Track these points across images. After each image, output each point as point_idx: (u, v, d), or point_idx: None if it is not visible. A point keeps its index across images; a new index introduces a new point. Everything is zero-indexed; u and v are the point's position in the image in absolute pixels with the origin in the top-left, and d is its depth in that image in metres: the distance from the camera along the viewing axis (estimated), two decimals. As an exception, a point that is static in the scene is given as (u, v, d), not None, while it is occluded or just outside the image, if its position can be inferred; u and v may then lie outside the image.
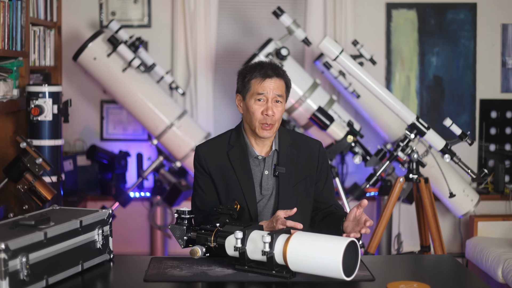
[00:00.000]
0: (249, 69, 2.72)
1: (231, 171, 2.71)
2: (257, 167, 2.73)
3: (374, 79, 3.79)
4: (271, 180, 2.73)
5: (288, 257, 2.24)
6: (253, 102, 2.68)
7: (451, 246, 5.15)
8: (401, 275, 2.53)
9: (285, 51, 4.35)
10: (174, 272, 2.38)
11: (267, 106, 2.66)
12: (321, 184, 2.80)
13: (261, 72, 2.68)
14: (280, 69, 2.72)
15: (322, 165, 2.80)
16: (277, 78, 2.68)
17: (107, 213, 2.50)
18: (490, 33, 5.17)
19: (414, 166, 3.91)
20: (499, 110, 5.20)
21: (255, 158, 2.73)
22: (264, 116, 2.66)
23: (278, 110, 2.68)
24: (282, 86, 2.70)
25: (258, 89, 2.67)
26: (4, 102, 3.63)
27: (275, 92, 2.67)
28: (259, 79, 2.67)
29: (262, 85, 2.66)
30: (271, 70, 2.68)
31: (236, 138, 2.76)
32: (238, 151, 2.73)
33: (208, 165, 2.74)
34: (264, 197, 2.73)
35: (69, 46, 5.00)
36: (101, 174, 5.04)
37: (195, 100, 5.01)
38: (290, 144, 2.77)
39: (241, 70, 2.76)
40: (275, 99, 2.67)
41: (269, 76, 2.67)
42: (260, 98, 2.67)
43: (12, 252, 2.04)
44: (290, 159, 2.74)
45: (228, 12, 5.14)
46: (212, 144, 2.79)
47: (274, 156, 2.74)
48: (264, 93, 2.66)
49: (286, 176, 2.72)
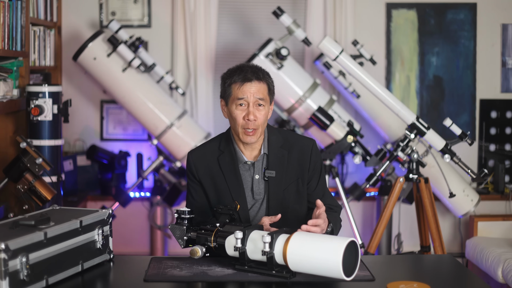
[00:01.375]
0: (229, 73, 2.67)
1: (221, 177, 2.69)
2: (247, 172, 2.70)
3: (374, 79, 3.79)
4: (262, 184, 2.69)
5: (288, 257, 2.24)
6: (234, 107, 2.62)
7: (451, 246, 5.15)
8: (401, 275, 2.53)
9: (285, 51, 4.35)
10: (174, 272, 2.38)
11: (248, 111, 2.59)
12: (313, 183, 2.76)
13: (240, 76, 2.61)
14: (260, 72, 2.65)
15: (314, 164, 2.74)
16: (258, 81, 2.61)
17: (107, 213, 2.50)
18: (490, 33, 5.17)
19: (414, 166, 3.91)
20: (499, 110, 5.20)
21: (244, 163, 2.69)
22: (246, 121, 2.60)
23: (261, 114, 2.61)
24: (264, 89, 2.63)
25: (238, 93, 2.60)
26: (4, 102, 3.63)
27: (256, 96, 2.60)
28: (238, 83, 2.61)
29: (241, 89, 2.60)
30: (251, 73, 2.61)
31: (225, 144, 2.72)
32: (228, 157, 2.69)
33: (199, 172, 2.72)
34: (257, 202, 2.70)
35: (69, 46, 5.00)
36: (101, 174, 5.04)
37: (195, 100, 5.00)
38: (280, 146, 2.72)
39: (223, 75, 2.70)
40: (256, 103, 2.60)
41: (248, 79, 2.60)
42: (241, 103, 2.60)
43: (12, 252, 2.04)
44: (280, 161, 2.69)
45: (228, 12, 5.14)
46: (202, 151, 2.75)
47: (263, 160, 2.70)
48: (244, 97, 2.59)
49: (276, 179, 2.68)
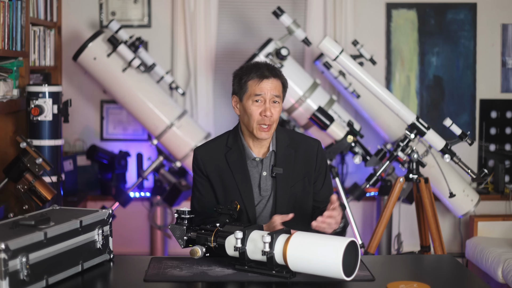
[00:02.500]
0: (245, 70, 2.71)
1: (229, 174, 2.71)
2: (255, 169, 2.73)
3: (374, 79, 3.79)
4: (270, 181, 2.73)
5: (288, 257, 2.24)
6: (250, 103, 2.67)
7: (451, 246, 5.15)
8: (401, 275, 2.53)
9: (285, 51, 4.35)
10: (174, 272, 2.38)
11: (265, 107, 2.65)
12: (319, 183, 2.81)
13: (258, 73, 2.66)
14: (276, 70, 2.71)
15: (320, 164, 2.80)
16: (274, 79, 2.68)
17: (107, 213, 2.50)
18: (490, 33, 5.17)
19: (414, 166, 3.91)
20: (499, 110, 5.20)
21: (252, 159, 2.73)
22: (263, 117, 2.65)
23: (276, 110, 2.67)
24: (279, 87, 2.69)
25: (256, 90, 2.65)
26: (4, 102, 3.63)
27: (273, 93, 2.66)
28: (256, 80, 2.66)
29: (259, 86, 2.65)
30: (267, 71, 2.67)
31: (233, 140, 2.75)
32: (236, 153, 2.73)
33: (206, 168, 2.74)
34: (263, 198, 2.73)
35: (69, 46, 4.99)
36: (101, 174, 5.04)
37: (195, 100, 5.01)
38: (288, 144, 2.76)
39: (237, 72, 2.74)
40: (272, 99, 2.66)
41: (266, 77, 2.66)
42: (257, 99, 2.66)
43: (12, 252, 2.04)
44: (288, 159, 2.74)
45: (228, 12, 5.14)
46: (210, 147, 2.79)
47: (271, 157, 2.74)
48: (262, 94, 2.65)
49: (284, 176, 2.72)
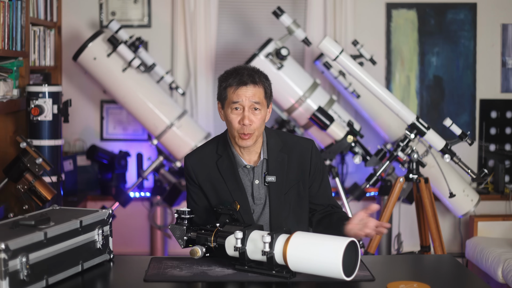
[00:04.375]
0: (225, 75, 2.60)
1: (221, 182, 2.63)
2: (246, 177, 2.65)
3: (374, 79, 3.79)
4: (263, 189, 2.65)
5: (288, 257, 2.24)
6: (229, 111, 2.56)
7: (451, 246, 5.15)
8: (401, 275, 2.53)
9: (285, 51, 4.35)
10: (174, 272, 2.38)
11: (243, 115, 2.53)
12: (316, 185, 2.72)
13: (236, 80, 2.54)
14: (257, 75, 2.58)
15: (315, 167, 2.70)
16: (253, 85, 2.54)
17: (107, 213, 2.50)
18: (490, 33, 5.17)
19: (414, 166, 3.91)
20: (499, 110, 5.20)
21: (244, 167, 2.65)
22: (241, 125, 2.54)
23: (257, 118, 2.54)
24: (260, 93, 2.56)
25: (233, 97, 2.54)
26: (4, 102, 3.63)
27: (252, 100, 2.53)
28: (234, 87, 2.54)
29: (236, 93, 2.54)
30: (246, 77, 2.54)
31: (223, 147, 2.67)
32: (226, 160, 2.64)
33: (198, 177, 2.66)
34: (257, 207, 2.66)
35: (69, 46, 4.99)
36: (101, 174, 5.04)
37: (195, 100, 5.00)
38: (280, 149, 2.67)
39: (220, 77, 2.63)
40: (252, 106, 2.54)
41: (243, 83, 2.53)
42: (236, 106, 2.54)
43: (12, 252, 2.04)
44: (281, 166, 2.65)
45: (228, 12, 5.14)
46: (200, 155, 2.69)
47: (263, 165, 2.66)
48: (239, 101, 2.53)
49: (277, 184, 2.63)
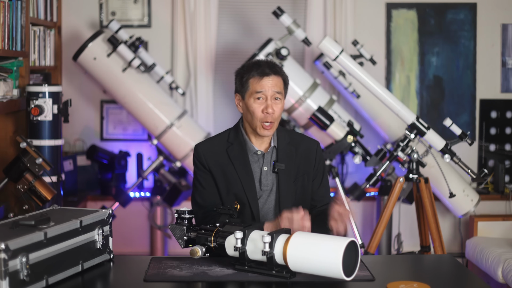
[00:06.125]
0: (246, 68, 2.75)
1: (231, 168, 2.73)
2: (256, 163, 2.75)
3: (374, 79, 3.79)
4: (270, 176, 2.75)
5: (288, 257, 2.24)
6: (252, 101, 2.70)
7: (451, 246, 5.15)
8: (401, 275, 2.53)
9: (285, 51, 4.35)
10: (174, 272, 2.38)
11: (266, 104, 2.68)
12: (317, 182, 2.83)
13: (259, 71, 2.70)
14: (277, 66, 2.75)
15: (319, 163, 2.83)
16: (275, 76, 2.71)
17: (107, 213, 2.50)
18: (490, 33, 5.17)
19: (414, 166, 3.91)
20: (499, 110, 5.20)
21: (254, 153, 2.75)
22: (265, 114, 2.68)
23: (278, 107, 2.70)
24: (280, 83, 2.72)
25: (257, 87, 2.69)
26: (4, 102, 3.63)
27: (274, 90, 2.69)
28: (257, 78, 2.69)
29: (260, 83, 2.69)
30: (268, 68, 2.71)
31: (234, 136, 2.78)
32: (237, 147, 2.75)
33: (208, 162, 2.76)
34: (263, 193, 2.74)
35: (69, 46, 4.99)
36: (101, 174, 5.04)
37: (195, 100, 5.00)
38: (288, 142, 2.79)
39: (239, 70, 2.78)
40: (274, 96, 2.70)
41: (266, 74, 2.69)
42: (259, 96, 2.69)
43: (12, 252, 2.04)
44: (289, 155, 2.77)
45: (228, 12, 5.14)
46: (211, 143, 2.81)
47: (273, 153, 2.77)
48: (263, 91, 2.68)
49: (286, 172, 2.74)
